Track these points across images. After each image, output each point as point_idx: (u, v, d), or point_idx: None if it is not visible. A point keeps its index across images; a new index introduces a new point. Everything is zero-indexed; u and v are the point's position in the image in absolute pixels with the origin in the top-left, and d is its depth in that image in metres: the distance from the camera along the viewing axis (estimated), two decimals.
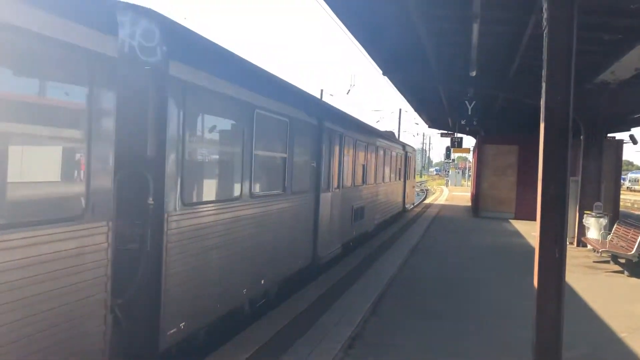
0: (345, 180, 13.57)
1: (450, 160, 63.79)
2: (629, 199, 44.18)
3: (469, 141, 65.07)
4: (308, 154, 10.57)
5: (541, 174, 5.65)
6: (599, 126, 17.48)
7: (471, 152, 40.66)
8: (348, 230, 14.17)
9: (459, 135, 34.06)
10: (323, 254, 11.67)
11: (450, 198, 44.95)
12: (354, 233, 14.95)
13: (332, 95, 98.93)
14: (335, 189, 12.58)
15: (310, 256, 10.87)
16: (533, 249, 6.04)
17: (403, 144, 27.45)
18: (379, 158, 18.50)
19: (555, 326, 5.60)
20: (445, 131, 36.45)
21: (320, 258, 11.49)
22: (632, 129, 23.90)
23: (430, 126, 41.48)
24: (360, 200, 15.54)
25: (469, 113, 21.07)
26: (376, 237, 17.52)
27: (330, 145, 11.98)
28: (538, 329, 5.64)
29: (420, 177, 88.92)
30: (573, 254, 14.68)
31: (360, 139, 15.24)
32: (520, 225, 22.80)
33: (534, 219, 5.96)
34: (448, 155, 47.67)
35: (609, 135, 22.36)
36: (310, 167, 10.67)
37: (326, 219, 11.75)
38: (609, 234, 15.07)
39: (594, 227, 15.96)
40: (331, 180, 12.14)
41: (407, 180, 27.49)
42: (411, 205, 31.74)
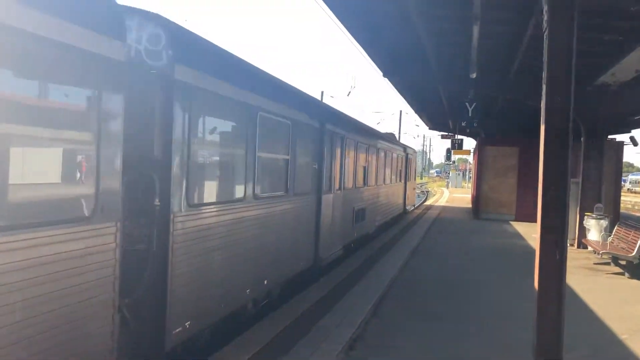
0: (347, 182, 13.63)
1: (451, 162, 63.73)
2: (629, 201, 44.14)
3: (469, 143, 65.07)
4: (310, 155, 10.64)
5: (542, 175, 5.65)
6: (599, 128, 17.47)
7: (472, 154, 40.69)
8: (349, 231, 14.22)
9: (459, 136, 34.03)
10: (325, 256, 11.72)
11: (451, 200, 44.98)
12: (355, 235, 15.00)
13: (333, 97, 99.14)
14: (337, 190, 12.64)
15: (312, 257, 10.93)
16: (534, 251, 6.05)
17: (404, 146, 27.50)
18: (380, 160, 18.55)
19: (556, 328, 5.60)
20: (446, 133, 36.44)
21: (322, 259, 11.55)
22: (633, 131, 23.96)
23: (430, 128, 41.46)
24: (362, 202, 15.59)
25: (470, 114, 21.06)
26: (377, 239, 17.56)
27: (332, 147, 12.04)
28: (539, 330, 5.65)
29: (421, 179, 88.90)
30: (573, 255, 14.69)
31: (361, 140, 15.30)
32: (520, 227, 22.80)
33: (534, 221, 5.95)
34: (448, 157, 47.61)
35: (610, 136, 22.35)
36: (312, 169, 10.73)
37: (328, 221, 11.81)
38: (610, 235, 15.03)
39: (594, 229, 15.91)
40: (333, 182, 12.20)
41: (408, 182, 27.53)
42: (412, 207, 31.76)
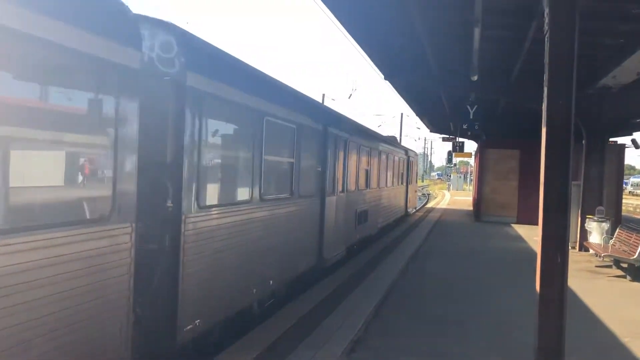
0: (350, 185, 13.77)
1: (452, 165, 63.67)
2: (631, 204, 44.08)
3: (470, 145, 64.93)
4: (314, 158, 10.79)
5: (543, 178, 5.67)
6: (600, 130, 17.43)
7: (473, 157, 40.73)
8: (352, 233, 14.35)
9: (460, 139, 34.05)
10: (328, 257, 11.86)
11: (452, 202, 45.02)
12: (358, 236, 15.13)
13: (334, 99, 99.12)
14: (340, 192, 12.77)
15: (315, 258, 11.07)
16: (535, 253, 6.06)
17: (405, 149, 27.59)
18: (382, 162, 18.67)
19: (558, 331, 5.61)
20: (447, 135, 36.47)
21: (326, 260, 11.68)
22: (634, 133, 24.01)
23: (432, 131, 41.45)
24: (364, 204, 15.72)
25: (471, 117, 21.19)
26: (379, 241, 17.68)
27: (335, 150, 12.19)
28: (540, 333, 5.66)
29: (422, 182, 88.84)
30: (575, 258, 14.71)
31: (363, 143, 15.43)
32: (522, 230, 22.81)
33: (536, 224, 5.94)
34: (450, 160, 47.56)
35: (611, 139, 22.38)
36: (316, 172, 10.89)
37: (331, 222, 11.95)
38: (611, 238, 14.94)
39: (596, 232, 15.84)
40: (336, 184, 12.34)
41: (410, 184, 27.62)
42: (413, 210, 31.83)
